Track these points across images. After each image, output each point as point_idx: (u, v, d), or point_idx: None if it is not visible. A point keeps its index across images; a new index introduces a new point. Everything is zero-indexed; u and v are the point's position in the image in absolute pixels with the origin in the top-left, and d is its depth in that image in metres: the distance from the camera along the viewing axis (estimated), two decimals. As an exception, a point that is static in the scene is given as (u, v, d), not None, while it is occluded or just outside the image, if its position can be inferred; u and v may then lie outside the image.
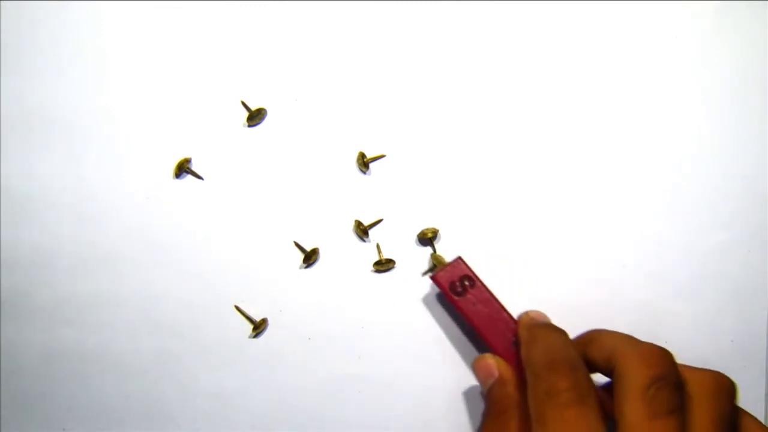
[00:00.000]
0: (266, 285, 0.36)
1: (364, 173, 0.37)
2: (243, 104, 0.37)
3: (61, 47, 0.38)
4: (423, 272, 0.36)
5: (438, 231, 0.36)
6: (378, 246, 0.36)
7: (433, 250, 0.36)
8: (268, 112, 0.37)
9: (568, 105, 0.37)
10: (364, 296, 0.36)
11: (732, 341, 0.36)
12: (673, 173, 0.37)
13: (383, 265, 0.36)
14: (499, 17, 0.38)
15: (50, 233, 0.37)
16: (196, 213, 0.37)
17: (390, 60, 0.38)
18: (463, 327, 0.36)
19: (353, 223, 0.37)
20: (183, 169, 0.37)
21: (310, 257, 0.36)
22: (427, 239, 0.36)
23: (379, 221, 0.37)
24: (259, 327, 0.36)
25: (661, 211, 0.37)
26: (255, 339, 0.36)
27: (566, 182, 0.37)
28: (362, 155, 0.37)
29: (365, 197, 0.37)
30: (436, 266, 0.35)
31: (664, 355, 0.28)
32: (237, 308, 0.36)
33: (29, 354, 0.36)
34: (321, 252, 0.36)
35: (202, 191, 0.37)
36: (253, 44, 0.38)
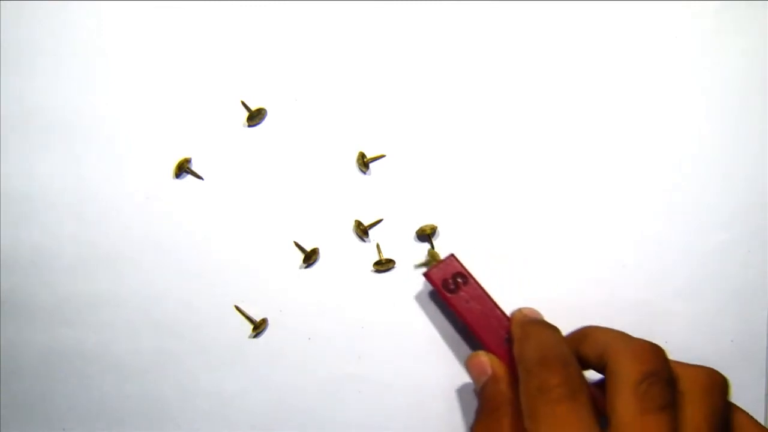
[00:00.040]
0: (266, 285, 0.36)
1: (364, 173, 0.37)
2: (243, 104, 0.37)
3: (61, 47, 0.38)
4: (416, 264, 0.36)
5: (436, 227, 0.36)
6: (378, 246, 0.36)
7: (431, 246, 0.36)
8: (268, 112, 0.37)
9: (568, 105, 0.37)
10: (364, 296, 0.36)
11: (732, 341, 0.36)
12: (673, 173, 0.37)
13: (383, 265, 0.36)
14: (499, 17, 0.38)
15: (50, 233, 0.37)
16: (196, 213, 0.37)
17: (390, 60, 0.38)
18: (456, 324, 0.36)
19: (353, 223, 0.37)
20: (183, 169, 0.37)
21: (310, 257, 0.36)
22: (426, 235, 0.36)
23: (379, 221, 0.37)
24: (259, 327, 0.36)
25: (661, 211, 0.37)
26: (255, 339, 0.36)
27: (566, 182, 0.37)
28: (362, 155, 0.37)
29: (365, 197, 0.37)
30: (431, 262, 0.35)
31: (656, 352, 0.28)
32: (237, 308, 0.36)
33: (29, 354, 0.36)
34: (321, 252, 0.36)
35: (202, 191, 0.37)
36: (253, 44, 0.38)
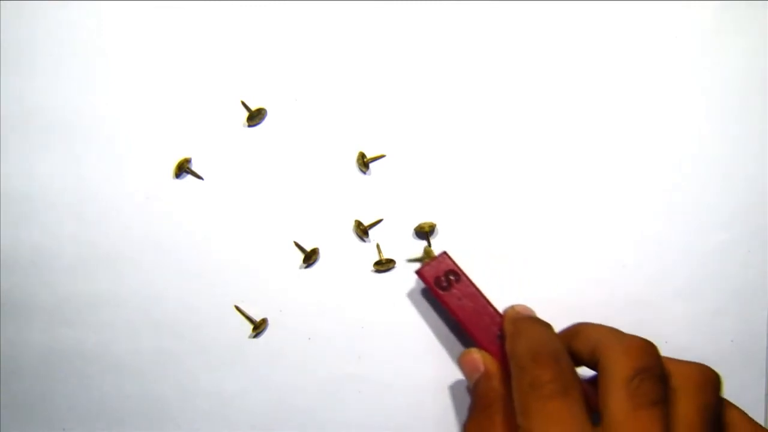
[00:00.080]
0: (266, 285, 0.36)
1: (364, 173, 0.37)
2: (243, 104, 0.37)
3: (61, 47, 0.38)
4: (408, 258, 0.36)
5: (435, 225, 0.36)
6: (378, 246, 0.36)
7: (428, 244, 0.36)
8: (268, 112, 0.37)
9: (568, 105, 0.37)
10: (364, 296, 0.36)
11: (732, 341, 0.36)
12: (673, 173, 0.37)
13: (383, 265, 0.36)
14: (499, 17, 0.38)
15: (50, 233, 0.37)
16: (196, 213, 0.37)
17: (390, 60, 0.38)
18: (449, 322, 0.36)
19: (353, 223, 0.37)
20: (183, 169, 0.37)
21: (310, 257, 0.36)
22: (423, 233, 0.36)
23: (379, 221, 0.37)
24: (259, 327, 0.36)
25: (661, 211, 0.37)
26: (255, 339, 0.36)
27: (566, 182, 0.37)
28: (362, 155, 0.37)
29: (365, 197, 0.37)
30: (425, 259, 0.35)
31: (648, 348, 0.28)
32: (237, 308, 0.36)
33: (29, 354, 0.36)
34: (321, 252, 0.36)
35: (202, 191, 0.37)
36: (253, 44, 0.38)
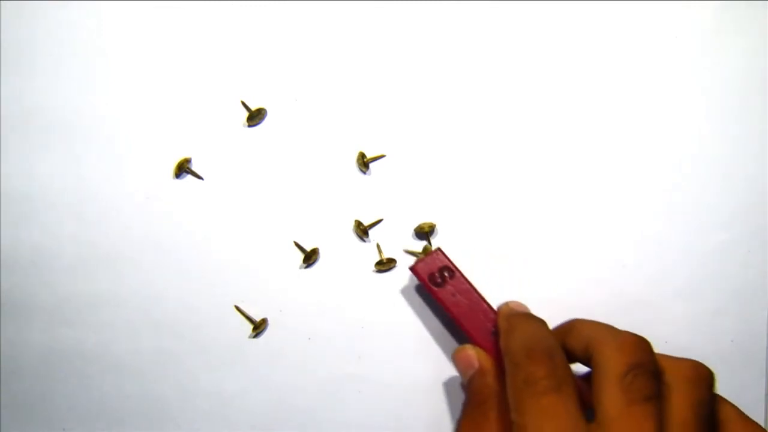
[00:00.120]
0: (266, 285, 0.36)
1: (364, 173, 0.37)
2: (243, 104, 0.37)
3: (61, 47, 0.38)
4: (406, 249, 0.36)
5: (435, 225, 0.36)
6: (378, 246, 0.36)
7: (428, 243, 0.36)
8: (268, 112, 0.37)
9: (568, 105, 0.37)
10: (364, 296, 0.36)
11: (732, 341, 0.36)
12: (673, 173, 0.37)
13: (385, 265, 0.36)
14: (499, 17, 0.38)
15: (50, 233, 0.37)
16: (196, 213, 0.37)
17: (390, 60, 0.38)
18: (444, 319, 0.36)
19: (353, 223, 0.37)
20: (183, 169, 0.37)
21: (310, 257, 0.36)
22: (424, 233, 0.36)
23: (379, 221, 0.37)
24: (259, 327, 0.36)
25: (661, 211, 0.37)
26: (255, 339, 0.36)
27: (566, 182, 0.37)
28: (362, 155, 0.37)
29: (365, 197, 0.37)
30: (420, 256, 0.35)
31: (642, 344, 0.28)
32: (237, 308, 0.36)
33: (29, 354, 0.36)
34: (321, 252, 0.36)
35: (202, 191, 0.37)
36: (253, 44, 0.38)
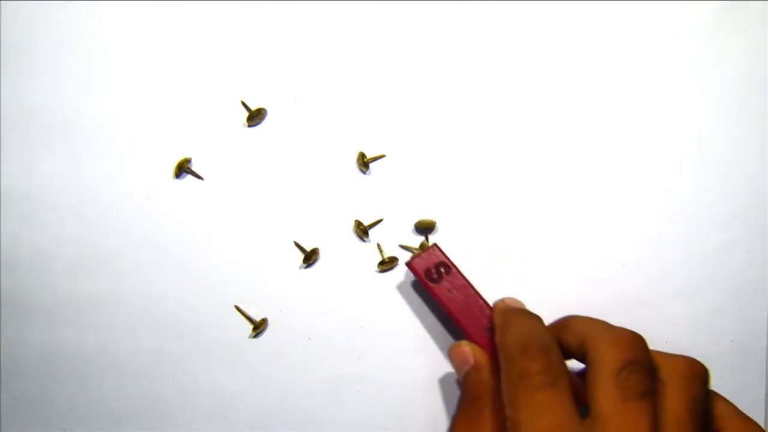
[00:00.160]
0: (266, 285, 0.36)
1: (364, 173, 0.37)
2: (243, 104, 0.37)
3: (61, 47, 0.38)
4: (401, 244, 0.36)
5: (435, 223, 0.36)
6: (379, 246, 0.36)
7: (426, 239, 0.36)
8: (268, 112, 0.37)
9: (568, 105, 0.37)
10: (364, 296, 0.36)
11: (732, 341, 0.36)
12: (673, 173, 0.37)
13: (387, 264, 0.36)
14: (499, 17, 0.38)
15: (50, 233, 0.37)
16: (196, 213, 0.37)
17: (390, 60, 0.38)
18: (440, 315, 0.36)
19: (353, 223, 0.37)
20: (183, 169, 0.37)
21: (310, 257, 0.36)
22: (424, 228, 0.36)
23: (379, 221, 0.37)
24: (259, 327, 0.36)
25: (661, 211, 0.37)
26: (255, 339, 0.36)
27: (566, 182, 0.37)
28: (362, 155, 0.37)
29: (365, 197, 0.37)
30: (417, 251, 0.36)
31: (637, 340, 0.28)
32: (237, 308, 0.36)
33: (29, 354, 0.36)
34: (321, 252, 0.36)
35: (202, 191, 0.37)
36: (253, 44, 0.38)
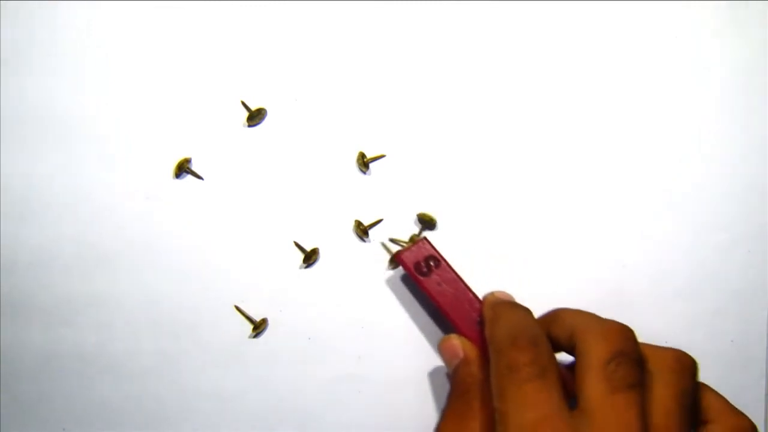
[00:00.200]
0: (266, 285, 0.36)
1: (364, 173, 0.37)
2: (243, 104, 0.37)
3: (61, 47, 0.38)
4: (391, 238, 0.36)
5: (435, 220, 0.36)
6: (384, 245, 0.36)
7: (418, 233, 0.36)
8: (268, 112, 0.37)
9: (568, 105, 0.37)
10: (364, 296, 0.36)
11: (732, 341, 0.36)
12: (673, 173, 0.37)
13: (396, 262, 0.36)
14: (499, 17, 0.38)
15: (50, 234, 0.37)
16: (196, 213, 0.37)
17: (390, 60, 0.38)
18: (430, 309, 0.36)
19: (353, 223, 0.36)
20: (183, 169, 0.37)
21: (310, 257, 0.36)
22: (426, 221, 0.36)
23: (379, 221, 0.37)
24: (259, 327, 0.36)
25: (661, 211, 0.37)
26: (255, 339, 0.36)
27: (566, 182, 0.37)
28: (362, 155, 0.37)
29: (365, 197, 0.37)
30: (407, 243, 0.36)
31: (625, 332, 0.28)
32: (237, 308, 0.36)
33: (28, 354, 0.36)
34: (321, 252, 0.36)
35: (202, 191, 0.37)
36: (253, 44, 0.38)
